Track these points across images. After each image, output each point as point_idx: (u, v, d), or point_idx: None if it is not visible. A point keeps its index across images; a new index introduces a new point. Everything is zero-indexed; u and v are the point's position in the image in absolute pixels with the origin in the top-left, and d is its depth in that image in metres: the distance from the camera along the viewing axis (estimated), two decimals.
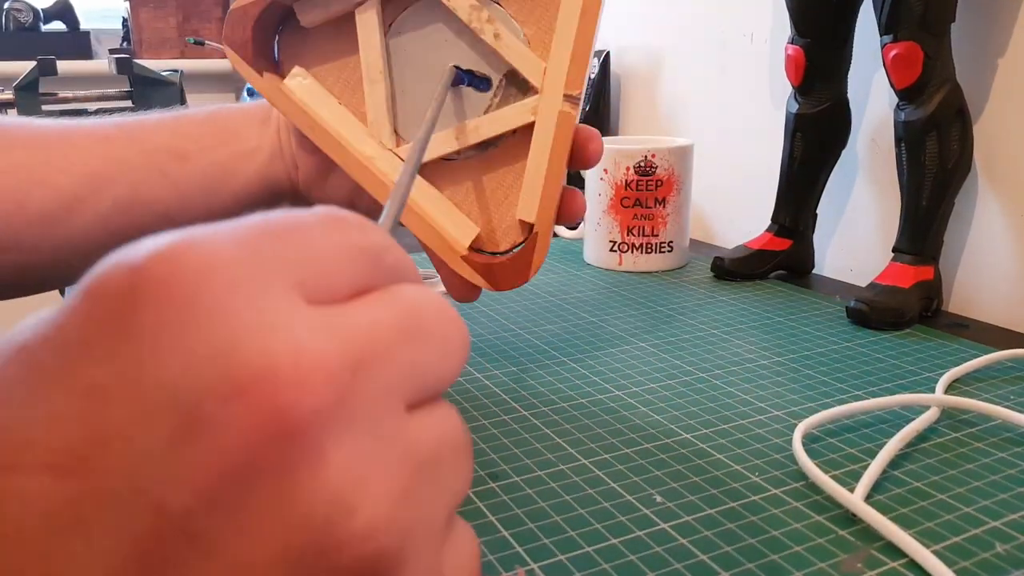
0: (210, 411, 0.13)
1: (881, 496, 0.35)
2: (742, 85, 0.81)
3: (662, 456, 0.39)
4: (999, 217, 0.59)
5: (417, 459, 0.15)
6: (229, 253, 0.14)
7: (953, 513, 0.34)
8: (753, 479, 0.36)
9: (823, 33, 0.63)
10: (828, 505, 0.34)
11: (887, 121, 0.65)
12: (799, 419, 0.42)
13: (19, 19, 1.74)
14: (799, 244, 0.69)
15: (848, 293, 0.61)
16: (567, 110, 0.36)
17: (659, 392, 0.46)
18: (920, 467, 0.37)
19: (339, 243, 0.16)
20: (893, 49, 0.54)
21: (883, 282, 0.58)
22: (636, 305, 0.62)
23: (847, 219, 0.71)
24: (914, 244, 0.58)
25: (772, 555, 0.31)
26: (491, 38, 0.36)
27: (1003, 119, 0.58)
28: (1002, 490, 0.35)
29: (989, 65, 0.58)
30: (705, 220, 0.87)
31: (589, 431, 0.41)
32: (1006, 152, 0.58)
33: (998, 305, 0.59)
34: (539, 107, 0.36)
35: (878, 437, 0.40)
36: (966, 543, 0.32)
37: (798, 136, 0.66)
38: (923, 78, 0.54)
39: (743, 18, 0.80)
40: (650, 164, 0.70)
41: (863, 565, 0.30)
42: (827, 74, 0.64)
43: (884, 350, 0.52)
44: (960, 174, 0.57)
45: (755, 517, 0.33)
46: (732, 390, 0.46)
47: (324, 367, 0.14)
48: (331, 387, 0.14)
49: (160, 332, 0.13)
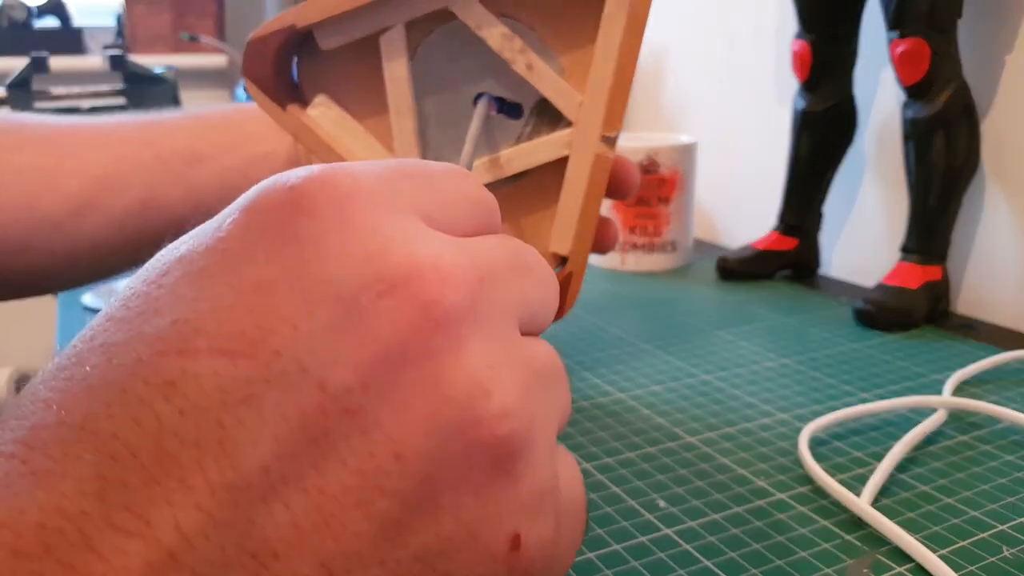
0: (367, 303, 0.15)
1: (888, 500, 0.34)
2: (747, 82, 0.81)
3: (665, 460, 0.38)
4: (1007, 217, 0.58)
5: (532, 367, 0.17)
6: (370, 181, 0.16)
7: (960, 517, 0.33)
8: (758, 483, 0.36)
9: (830, 29, 0.62)
10: (834, 509, 0.34)
11: (894, 119, 0.65)
12: (805, 422, 0.41)
13: (11, 15, 1.74)
14: (805, 244, 0.68)
15: (855, 294, 0.60)
16: (603, 152, 0.34)
17: (662, 394, 0.45)
18: (927, 470, 0.37)
19: (460, 190, 0.18)
20: (900, 45, 0.54)
21: (890, 283, 0.57)
22: (639, 306, 0.61)
23: (854, 218, 0.71)
24: (922, 244, 0.57)
25: (777, 560, 0.30)
26: (523, 69, 0.34)
27: (1011, 117, 0.58)
28: (1010, 493, 0.35)
29: (997, 62, 0.58)
30: (709, 219, 0.87)
31: (590, 434, 0.41)
32: (1014, 150, 0.58)
33: (1006, 306, 0.59)
34: (574, 143, 0.35)
35: (885, 440, 0.39)
36: (973, 547, 0.31)
37: (804, 134, 0.65)
38: (930, 75, 0.54)
39: (749, 14, 0.79)
40: (653, 162, 0.69)
41: (869, 570, 0.30)
42: (834, 71, 0.63)
43: (891, 352, 0.51)
44: (968, 172, 0.56)
45: (760, 522, 0.33)
46: (736, 392, 0.46)
47: (460, 273, 0.16)
48: (466, 290, 0.16)
49: (319, 237, 0.15)
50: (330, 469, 0.14)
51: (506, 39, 0.34)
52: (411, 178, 0.17)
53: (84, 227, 0.42)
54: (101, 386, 0.14)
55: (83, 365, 0.15)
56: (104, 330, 0.15)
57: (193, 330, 0.15)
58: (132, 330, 0.15)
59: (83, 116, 0.47)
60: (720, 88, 0.84)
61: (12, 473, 0.14)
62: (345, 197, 0.16)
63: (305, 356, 0.15)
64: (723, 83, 0.84)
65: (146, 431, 0.14)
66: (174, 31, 1.83)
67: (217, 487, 0.14)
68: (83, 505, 0.13)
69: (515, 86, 0.35)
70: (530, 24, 0.35)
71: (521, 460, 0.16)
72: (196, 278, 0.15)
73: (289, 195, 0.16)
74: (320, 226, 0.15)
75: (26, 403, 0.15)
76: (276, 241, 0.15)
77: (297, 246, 0.15)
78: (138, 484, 0.14)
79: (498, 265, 0.17)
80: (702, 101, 0.87)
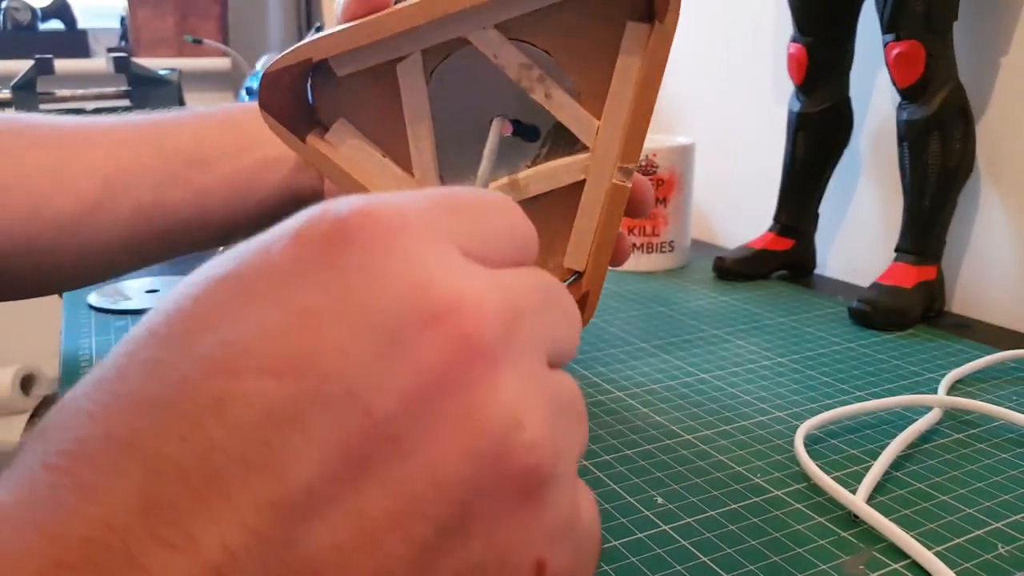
0: (411, 333, 0.15)
1: (883, 497, 0.35)
2: (744, 84, 0.81)
3: (663, 457, 0.38)
4: (1002, 217, 0.59)
5: (559, 401, 0.18)
6: (417, 214, 0.17)
7: (955, 514, 0.33)
8: (755, 480, 0.36)
9: (825, 32, 0.62)
10: (830, 506, 0.34)
11: (889, 120, 0.65)
12: (801, 420, 0.42)
13: (16, 18, 1.74)
14: (801, 244, 0.69)
15: (850, 293, 0.61)
16: (620, 182, 0.34)
17: (660, 393, 0.46)
18: (922, 468, 0.37)
19: (500, 223, 0.19)
20: (895, 48, 0.54)
21: (885, 282, 0.57)
22: (637, 305, 0.62)
23: (849, 219, 0.71)
24: (917, 244, 0.58)
25: (774, 557, 0.31)
26: (542, 97, 0.34)
27: (1006, 118, 0.58)
28: (1005, 491, 0.35)
29: (992, 64, 0.58)
30: (706, 220, 0.87)
31: (590, 432, 0.41)
32: (1009, 152, 0.58)
33: (1001, 305, 0.59)
34: (590, 168, 0.35)
35: (880, 438, 0.40)
36: (968, 544, 0.31)
37: (800, 135, 0.66)
38: (925, 77, 0.54)
39: (745, 16, 0.80)
40: (651, 163, 0.69)
41: (865, 567, 0.30)
42: (829, 73, 0.64)
43: (886, 351, 0.52)
44: (963, 174, 0.57)
45: (757, 519, 0.33)
46: (733, 391, 0.46)
47: (497, 309, 0.16)
48: (502, 324, 0.16)
49: (366, 268, 0.16)
50: (371, 492, 0.15)
51: (524, 68, 0.34)
52: (453, 210, 0.18)
53: (90, 229, 0.42)
54: (148, 402, 0.15)
55: (128, 380, 0.15)
56: (147, 345, 0.16)
57: (242, 350, 0.15)
58: (178, 347, 0.15)
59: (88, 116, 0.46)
60: (718, 89, 0.85)
61: (58, 486, 0.14)
62: (390, 230, 0.16)
63: (352, 381, 0.15)
64: (721, 84, 0.84)
65: (193, 448, 0.14)
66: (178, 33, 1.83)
67: (263, 505, 0.14)
68: (129, 520, 0.14)
69: (532, 109, 0.35)
70: (545, 47, 0.34)
71: (547, 489, 0.17)
72: (245, 299, 0.16)
73: (337, 226, 0.16)
74: (366, 257, 0.16)
75: (68, 415, 0.15)
76: (324, 269, 0.16)
77: (345, 275, 0.16)
78: (184, 500, 0.14)
79: (531, 301, 0.18)
80: (700, 102, 0.87)
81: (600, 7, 0.34)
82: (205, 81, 1.82)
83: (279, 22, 1.91)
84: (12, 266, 0.41)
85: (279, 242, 0.16)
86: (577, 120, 0.35)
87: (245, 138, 0.45)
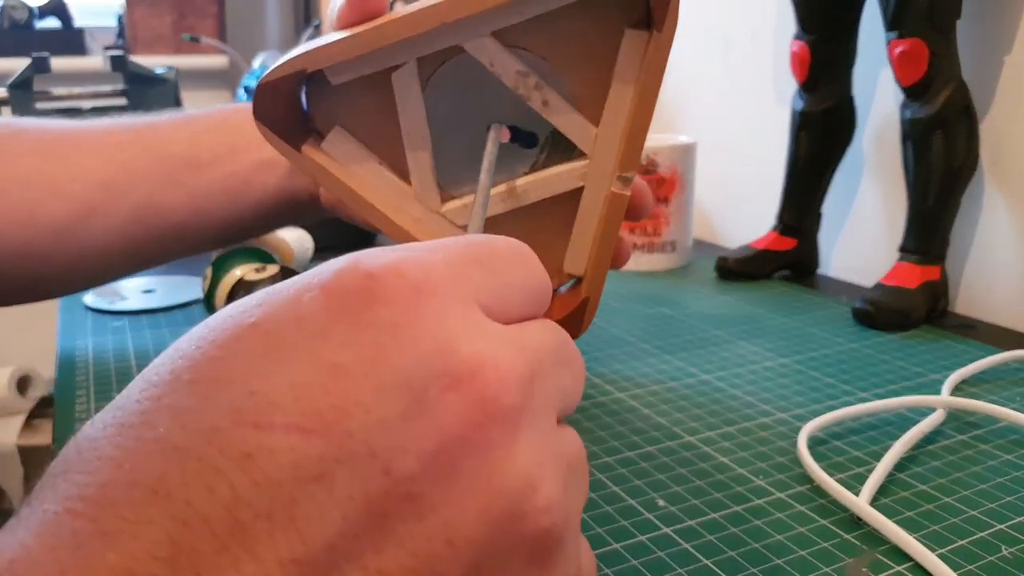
0: (433, 395, 0.16)
1: (886, 499, 0.34)
2: (746, 82, 0.81)
3: (665, 459, 0.38)
4: (1006, 216, 0.59)
5: (568, 461, 0.19)
6: (442, 273, 0.18)
7: (959, 516, 0.33)
8: (757, 482, 0.36)
9: (828, 30, 0.62)
10: (833, 508, 0.34)
11: (892, 119, 0.65)
12: (804, 421, 0.41)
13: (13, 16, 1.74)
14: (804, 244, 0.68)
15: (854, 293, 0.61)
16: (618, 191, 0.34)
17: (661, 394, 0.45)
18: (926, 470, 0.37)
19: (520, 277, 0.20)
20: (899, 46, 0.54)
21: (889, 282, 0.57)
22: (638, 306, 0.61)
23: (852, 219, 0.71)
24: (920, 244, 0.57)
25: (776, 559, 0.30)
26: (539, 105, 0.34)
27: (1010, 117, 0.58)
28: (1008, 493, 0.35)
29: (995, 62, 0.58)
30: (709, 219, 0.87)
31: (590, 434, 0.41)
32: (1013, 151, 0.58)
33: (1005, 306, 0.59)
34: (588, 175, 0.34)
35: (883, 439, 0.39)
36: (972, 546, 0.31)
37: (803, 134, 0.65)
38: (929, 75, 0.54)
39: (747, 14, 0.80)
40: (652, 163, 0.69)
41: (868, 569, 0.30)
42: (832, 71, 0.63)
43: (890, 351, 0.51)
44: (966, 173, 0.56)
45: (759, 521, 0.33)
46: (736, 392, 0.46)
47: (516, 373, 0.17)
48: (520, 388, 0.17)
49: (394, 327, 0.16)
50: (389, 550, 0.15)
51: (521, 76, 0.34)
52: (478, 265, 0.19)
53: (85, 234, 0.42)
54: (175, 451, 0.15)
55: (154, 426, 0.15)
56: (173, 391, 0.16)
57: (270, 404, 0.15)
58: (206, 396, 0.16)
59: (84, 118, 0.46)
60: (719, 88, 0.84)
61: (81, 532, 0.14)
62: (417, 290, 0.17)
63: (375, 441, 0.15)
64: (722, 83, 0.84)
65: (219, 500, 0.14)
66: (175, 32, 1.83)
67: (286, 561, 0.14)
68: (154, 568, 0.14)
69: (530, 115, 0.35)
70: (543, 54, 0.34)
71: (556, 551, 0.17)
72: (274, 350, 0.16)
73: (368, 282, 0.17)
74: (394, 315, 0.16)
75: (89, 458, 0.15)
76: (353, 325, 0.16)
77: (373, 333, 0.16)
78: (209, 552, 0.14)
79: (546, 360, 0.19)
80: (701, 101, 0.87)
81: (598, 14, 0.34)
82: (202, 80, 1.82)
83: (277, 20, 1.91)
84: (8, 272, 0.41)
85: (309, 292, 0.17)
86: (575, 127, 0.34)
87: (240, 140, 0.45)
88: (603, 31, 0.34)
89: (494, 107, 0.35)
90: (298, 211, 0.47)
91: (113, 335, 0.54)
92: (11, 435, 1.45)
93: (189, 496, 0.14)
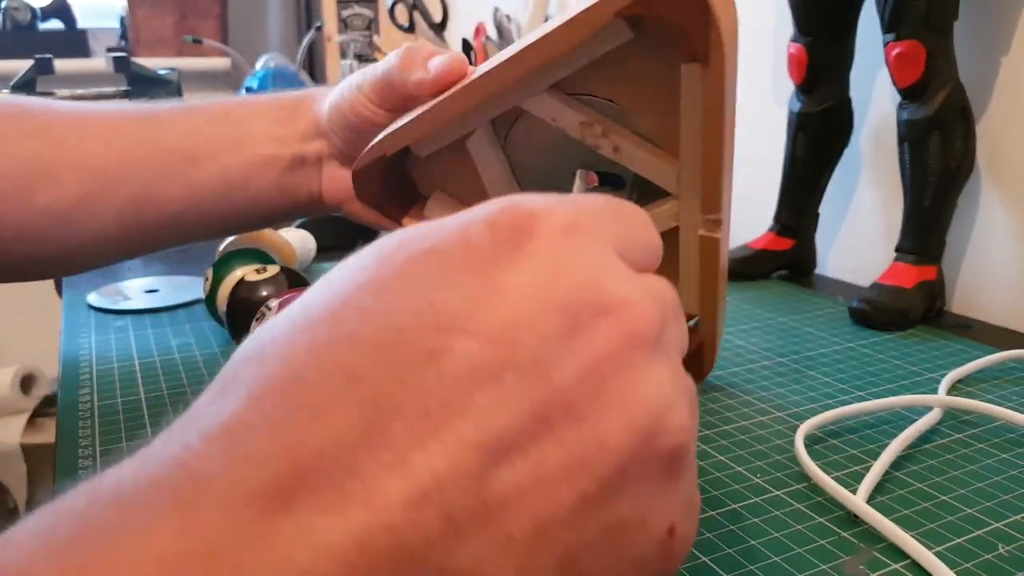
0: (586, 320, 0.18)
1: (883, 497, 0.35)
2: (744, 83, 0.81)
3: None
4: (1002, 217, 0.59)
5: (692, 394, 0.21)
6: (588, 218, 0.20)
7: (956, 514, 0.33)
8: (754, 480, 0.36)
9: (826, 31, 0.62)
10: (830, 506, 0.34)
11: (890, 120, 0.65)
12: (801, 420, 0.41)
13: (16, 17, 1.74)
14: (801, 244, 0.69)
15: (851, 293, 0.61)
16: (708, 234, 0.33)
17: None
18: (922, 468, 0.37)
19: (642, 231, 0.22)
20: (896, 47, 0.54)
21: (886, 282, 0.57)
22: None
23: (850, 219, 0.71)
24: (917, 244, 0.58)
25: (774, 557, 0.31)
26: (610, 152, 0.34)
27: (1006, 118, 0.58)
28: (1005, 491, 0.35)
29: (992, 64, 0.58)
30: None
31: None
32: (1009, 151, 0.58)
33: (1001, 305, 0.59)
34: (680, 215, 0.34)
35: (880, 438, 0.40)
36: (968, 544, 0.31)
37: (800, 135, 0.66)
38: (926, 77, 0.54)
39: (745, 16, 0.80)
40: None
41: (865, 567, 0.30)
42: (829, 73, 0.64)
43: (887, 351, 0.52)
44: (963, 174, 0.57)
45: (756, 519, 0.33)
46: (733, 391, 0.46)
47: (653, 313, 0.19)
48: (657, 325, 0.19)
49: (552, 257, 0.19)
50: (548, 447, 0.17)
51: (585, 127, 0.33)
52: (612, 216, 0.21)
53: (82, 219, 0.42)
54: (367, 346, 0.17)
55: (344, 324, 0.18)
56: (358, 297, 0.18)
57: (449, 313, 0.17)
58: (390, 301, 0.18)
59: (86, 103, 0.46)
60: None
61: (289, 406, 0.16)
62: (569, 230, 0.19)
63: (538, 353, 0.17)
64: None
65: (408, 390, 0.17)
66: (177, 33, 1.84)
67: (465, 443, 0.16)
68: (352, 439, 0.16)
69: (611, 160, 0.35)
70: (608, 96, 0.34)
71: (684, 466, 0.20)
72: (448, 271, 0.18)
73: (528, 219, 0.19)
74: (551, 248, 0.19)
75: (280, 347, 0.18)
76: (516, 254, 0.18)
77: (533, 262, 0.18)
78: (399, 431, 0.16)
79: (671, 309, 0.21)
80: None
81: (653, 51, 0.33)
82: (204, 81, 1.82)
83: (279, 22, 1.91)
84: (3, 251, 0.41)
85: (475, 226, 0.19)
86: (651, 168, 0.34)
87: (239, 134, 0.45)
88: (661, 67, 0.33)
89: (579, 153, 0.35)
90: (297, 208, 0.47)
91: (116, 334, 0.54)
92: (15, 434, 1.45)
93: (382, 384, 0.17)
